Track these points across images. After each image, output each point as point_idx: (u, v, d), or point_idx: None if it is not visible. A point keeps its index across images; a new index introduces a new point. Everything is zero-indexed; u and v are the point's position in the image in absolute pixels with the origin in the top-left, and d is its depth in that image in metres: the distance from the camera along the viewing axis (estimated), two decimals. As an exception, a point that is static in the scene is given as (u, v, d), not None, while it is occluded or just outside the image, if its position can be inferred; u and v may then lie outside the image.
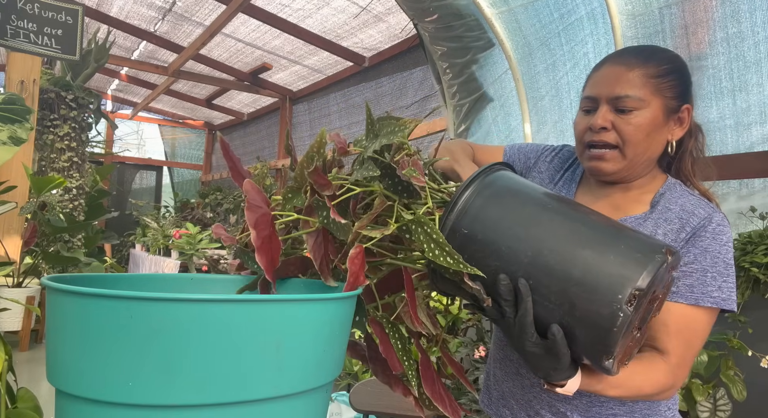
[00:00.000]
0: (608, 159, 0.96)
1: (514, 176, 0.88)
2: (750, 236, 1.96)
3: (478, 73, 3.51)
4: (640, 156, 0.95)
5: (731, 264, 0.90)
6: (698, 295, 0.88)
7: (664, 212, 0.96)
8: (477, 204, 0.83)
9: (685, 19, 2.37)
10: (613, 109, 0.94)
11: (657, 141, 0.95)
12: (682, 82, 0.96)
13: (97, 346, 0.57)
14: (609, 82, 0.94)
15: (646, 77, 0.93)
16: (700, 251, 0.90)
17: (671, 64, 0.96)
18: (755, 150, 2.17)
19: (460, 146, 1.14)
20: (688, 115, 0.97)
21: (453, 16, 3.26)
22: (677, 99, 0.95)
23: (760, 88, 2.17)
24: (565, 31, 2.90)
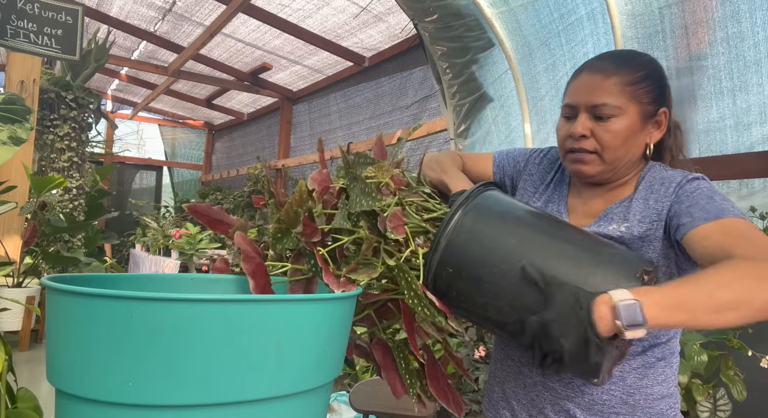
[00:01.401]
0: (588, 162, 0.99)
1: (494, 204, 0.92)
2: (750, 236, 1.96)
3: (478, 73, 3.51)
4: (620, 160, 0.98)
5: (729, 199, 0.91)
6: (715, 212, 0.86)
7: (648, 186, 0.99)
8: (459, 241, 0.87)
9: (685, 19, 2.37)
10: (591, 117, 0.97)
11: (635, 145, 0.99)
12: (658, 86, 0.99)
13: (97, 346, 0.57)
14: (587, 91, 0.97)
15: (623, 85, 0.96)
16: (695, 190, 0.92)
17: (646, 70, 0.98)
18: (755, 150, 2.17)
19: (448, 157, 1.17)
20: (665, 118, 1.00)
21: (453, 16, 3.26)
22: (653, 104, 0.98)
23: (760, 88, 2.17)
24: (565, 31, 2.90)
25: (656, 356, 0.99)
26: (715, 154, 2.29)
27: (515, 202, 0.95)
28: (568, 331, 0.71)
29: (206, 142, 9.73)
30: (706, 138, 2.33)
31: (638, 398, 0.97)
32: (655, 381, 0.98)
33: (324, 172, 0.93)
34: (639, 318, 0.69)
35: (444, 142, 4.36)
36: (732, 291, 0.71)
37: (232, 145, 9.04)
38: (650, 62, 1.00)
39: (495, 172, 1.21)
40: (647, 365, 0.98)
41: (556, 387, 1.01)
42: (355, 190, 0.87)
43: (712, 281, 0.73)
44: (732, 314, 0.71)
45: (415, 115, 4.81)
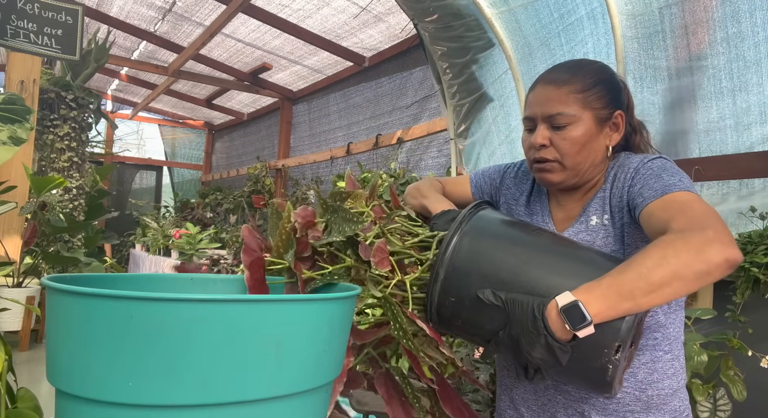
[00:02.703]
0: (551, 170, 1.03)
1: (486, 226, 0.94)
2: (750, 236, 1.96)
3: (478, 73, 3.51)
4: (581, 165, 1.02)
5: (678, 171, 0.93)
6: (661, 188, 0.89)
7: (615, 178, 1.02)
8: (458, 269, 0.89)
9: (685, 19, 2.37)
10: (549, 127, 1.01)
11: (595, 149, 1.02)
12: (609, 91, 1.02)
13: (97, 346, 0.57)
14: (542, 102, 1.01)
15: (575, 93, 1.00)
16: (647, 170, 0.95)
17: (595, 77, 1.01)
18: (755, 150, 2.17)
19: (427, 183, 1.21)
20: (621, 120, 1.03)
21: (453, 16, 3.26)
22: (607, 108, 1.01)
23: (760, 88, 2.17)
24: (565, 31, 2.90)
25: (663, 349, 1.00)
26: (715, 154, 2.29)
27: (505, 222, 0.97)
28: (532, 342, 0.75)
29: (206, 142, 9.73)
30: (706, 138, 2.33)
31: (651, 393, 0.98)
32: (665, 375, 0.99)
33: (309, 210, 0.94)
34: (582, 317, 0.73)
35: (444, 142, 4.36)
36: (663, 269, 0.74)
37: (232, 145, 9.05)
38: (600, 69, 1.04)
39: (474, 193, 1.25)
40: (655, 359, 0.99)
41: (569, 389, 1.01)
42: (337, 220, 0.88)
43: (643, 263, 0.75)
44: (668, 289, 0.74)
45: (415, 115, 4.81)
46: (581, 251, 0.90)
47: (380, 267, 0.84)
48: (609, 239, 1.00)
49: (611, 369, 0.76)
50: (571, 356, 0.75)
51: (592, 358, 0.77)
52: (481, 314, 0.85)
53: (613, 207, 1.01)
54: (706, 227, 0.78)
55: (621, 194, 0.99)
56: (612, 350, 0.76)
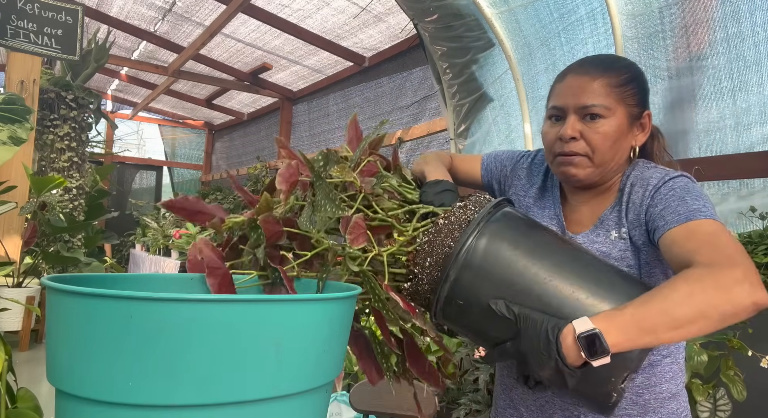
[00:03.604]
0: (577, 164, 0.98)
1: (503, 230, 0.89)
2: (750, 236, 1.96)
3: (478, 73, 3.51)
4: (608, 163, 0.98)
5: (703, 196, 0.90)
6: (686, 214, 0.86)
7: (631, 188, 0.99)
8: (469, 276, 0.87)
9: (685, 19, 2.36)
10: (580, 119, 0.97)
11: (623, 148, 0.99)
12: (641, 89, 1.00)
13: (96, 346, 0.57)
14: (575, 92, 0.97)
15: (610, 86, 0.96)
16: (668, 190, 0.92)
17: (630, 73, 0.99)
18: (755, 150, 2.17)
19: (435, 154, 1.17)
20: (648, 120, 1.01)
21: (453, 16, 3.26)
22: (638, 106, 0.99)
23: (760, 88, 2.17)
24: (565, 31, 2.90)
25: (662, 353, 0.99)
26: (715, 154, 2.29)
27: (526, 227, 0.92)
28: (542, 363, 0.74)
29: (206, 142, 9.73)
30: (706, 138, 2.33)
31: (648, 397, 0.97)
32: (663, 379, 0.98)
33: (293, 164, 0.91)
34: (601, 347, 0.70)
35: (444, 142, 4.36)
36: (689, 306, 0.72)
37: (232, 145, 9.05)
38: (632, 65, 1.01)
39: (483, 175, 1.21)
40: (654, 363, 0.98)
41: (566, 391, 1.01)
42: (320, 192, 0.85)
43: (669, 297, 0.73)
44: (692, 327, 0.72)
45: (415, 115, 4.81)
46: (603, 273, 0.85)
47: (355, 244, 0.82)
48: (627, 252, 0.96)
49: (615, 397, 0.76)
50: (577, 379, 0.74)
51: (598, 384, 0.76)
52: (489, 321, 0.84)
53: (630, 222, 0.97)
54: (735, 265, 0.74)
55: (638, 211, 0.96)
56: (620, 379, 0.75)
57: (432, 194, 0.98)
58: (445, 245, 0.89)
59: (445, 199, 0.97)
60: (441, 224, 0.91)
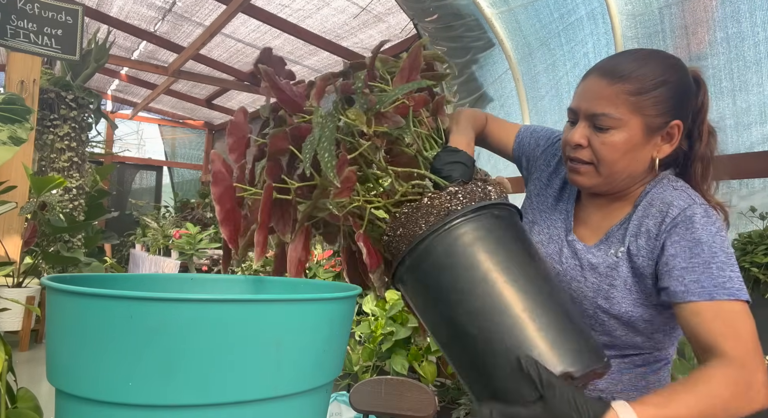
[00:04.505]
0: (583, 173, 0.93)
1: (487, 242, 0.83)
2: (750, 236, 1.96)
3: (478, 73, 3.51)
4: (617, 174, 0.91)
5: (731, 253, 0.83)
6: (710, 289, 0.81)
7: (647, 208, 0.91)
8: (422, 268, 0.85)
9: (685, 19, 2.37)
10: (590, 126, 0.90)
11: (637, 160, 0.91)
12: (672, 96, 0.89)
13: (96, 346, 0.57)
14: (589, 97, 0.90)
15: (626, 94, 0.87)
16: (693, 243, 0.84)
17: (660, 78, 0.88)
18: (755, 150, 2.17)
19: (471, 113, 1.07)
20: (678, 131, 0.91)
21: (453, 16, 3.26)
22: (662, 116, 0.88)
23: (760, 88, 2.17)
24: (565, 31, 2.90)
25: (652, 369, 0.96)
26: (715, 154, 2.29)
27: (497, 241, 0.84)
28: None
29: (206, 142, 9.73)
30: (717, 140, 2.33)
31: None
32: (631, 386, 0.95)
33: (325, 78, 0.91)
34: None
35: (444, 142, 4.36)
36: (722, 410, 0.75)
37: (232, 145, 9.03)
38: (670, 69, 0.89)
39: (514, 148, 1.13)
40: (639, 376, 0.95)
41: None
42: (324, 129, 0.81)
43: (705, 402, 0.74)
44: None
45: (415, 115, 4.80)
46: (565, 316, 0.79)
47: (336, 197, 0.81)
48: (614, 271, 0.91)
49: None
50: None
51: None
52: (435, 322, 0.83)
53: (639, 247, 0.90)
54: (757, 366, 0.77)
55: (653, 245, 0.87)
56: None
57: (443, 162, 0.91)
58: (417, 226, 0.86)
59: (453, 172, 0.90)
60: (424, 202, 0.87)
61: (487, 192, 0.89)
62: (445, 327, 0.82)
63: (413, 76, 0.96)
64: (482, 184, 0.90)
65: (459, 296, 0.80)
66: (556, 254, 0.98)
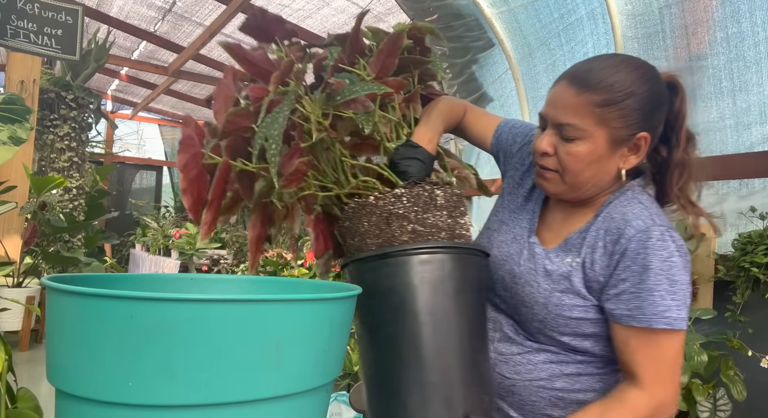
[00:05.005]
0: (549, 179, 0.92)
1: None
2: (750, 236, 1.96)
3: (478, 73, 3.51)
4: (583, 184, 0.91)
5: (678, 280, 0.84)
6: (650, 316, 0.83)
7: (608, 220, 0.90)
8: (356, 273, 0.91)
9: (685, 19, 2.36)
10: (557, 134, 0.89)
11: (602, 170, 0.90)
12: (638, 108, 0.86)
13: (96, 346, 0.57)
14: (557, 105, 0.89)
15: (592, 105, 0.85)
16: (642, 268, 0.84)
17: (627, 90, 0.86)
18: (755, 150, 2.17)
19: (447, 105, 1.06)
20: (645, 143, 0.89)
21: (453, 16, 3.26)
22: (628, 128, 0.87)
23: (760, 88, 2.17)
24: (565, 31, 2.90)
25: (607, 371, 0.94)
26: (715, 154, 2.29)
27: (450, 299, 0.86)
28: None
29: (206, 142, 9.72)
30: (706, 138, 2.33)
31: (568, 401, 0.93)
32: (589, 387, 0.94)
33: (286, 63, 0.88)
34: None
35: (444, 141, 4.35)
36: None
37: (232, 146, 9.03)
38: (638, 80, 0.87)
39: (493, 144, 1.12)
40: (596, 378, 0.94)
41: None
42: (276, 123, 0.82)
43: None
44: None
45: (415, 115, 4.81)
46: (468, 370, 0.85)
47: (282, 188, 0.82)
48: (565, 281, 0.90)
49: None
50: None
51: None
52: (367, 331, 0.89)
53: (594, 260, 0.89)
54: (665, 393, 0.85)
55: (608, 262, 0.88)
56: None
57: (400, 156, 0.92)
58: (360, 224, 0.88)
59: (409, 168, 0.91)
60: (370, 200, 0.88)
61: (434, 197, 0.89)
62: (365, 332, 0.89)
63: (390, 61, 0.95)
64: (430, 188, 0.89)
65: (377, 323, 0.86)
66: (517, 254, 0.97)
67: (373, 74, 0.93)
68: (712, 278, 2.10)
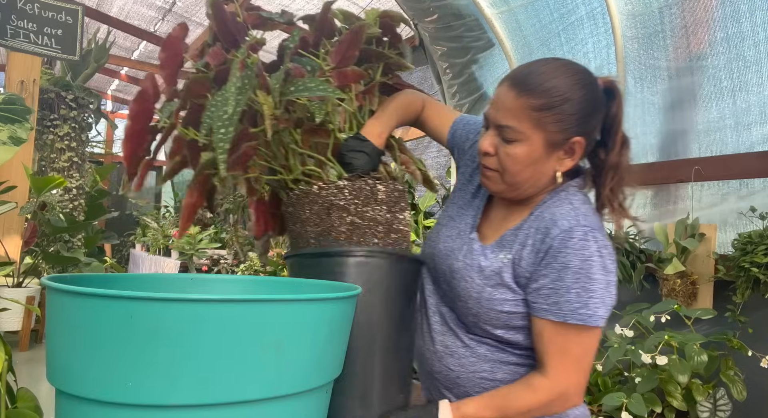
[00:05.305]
0: (490, 178, 0.96)
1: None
2: (750, 236, 1.96)
3: (478, 73, 3.51)
4: (521, 184, 0.94)
5: (596, 279, 0.86)
6: (566, 312, 0.87)
7: (537, 220, 0.94)
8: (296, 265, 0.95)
9: (685, 19, 2.36)
10: (498, 135, 0.93)
11: (539, 172, 0.93)
12: (573, 113, 0.89)
13: (96, 346, 0.57)
14: (498, 107, 0.92)
15: (530, 109, 0.89)
16: (562, 266, 0.87)
17: (564, 95, 0.89)
18: (755, 150, 2.17)
19: (404, 100, 1.10)
20: (579, 147, 0.92)
21: (453, 16, 3.26)
22: (563, 132, 0.90)
23: (760, 88, 2.17)
24: (565, 31, 2.90)
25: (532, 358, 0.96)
26: (715, 154, 2.29)
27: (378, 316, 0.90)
28: None
29: (206, 142, 9.72)
30: (706, 138, 2.33)
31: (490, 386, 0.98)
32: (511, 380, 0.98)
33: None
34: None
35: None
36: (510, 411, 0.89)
37: (232, 145, 9.02)
38: (574, 86, 0.90)
39: (449, 139, 1.15)
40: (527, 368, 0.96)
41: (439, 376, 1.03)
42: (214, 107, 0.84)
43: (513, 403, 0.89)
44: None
45: (415, 115, 4.80)
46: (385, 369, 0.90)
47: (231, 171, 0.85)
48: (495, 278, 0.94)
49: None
50: None
51: None
52: None
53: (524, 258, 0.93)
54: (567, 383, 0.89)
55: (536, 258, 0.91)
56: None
57: (348, 148, 0.95)
58: (303, 211, 0.91)
59: (355, 161, 0.94)
60: (313, 189, 0.91)
61: (375, 191, 0.92)
62: None
63: (350, 53, 0.97)
64: (373, 183, 0.93)
65: None
66: (458, 250, 1.00)
67: (333, 64, 0.95)
68: (712, 278, 2.10)
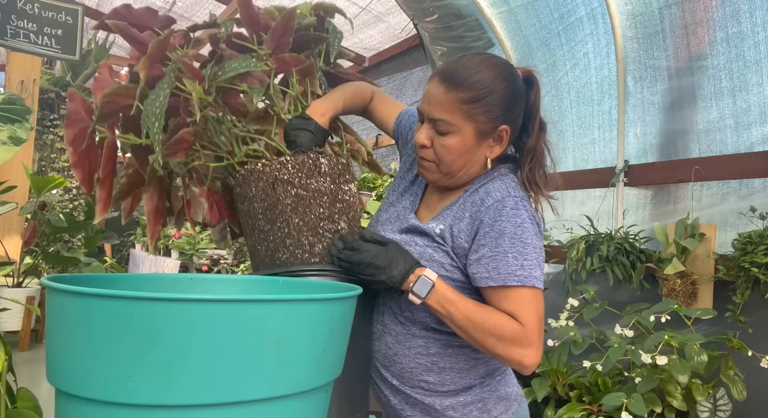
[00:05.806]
0: (426, 168, 1.03)
1: None
2: (750, 236, 1.96)
3: (478, 73, 3.51)
4: (456, 172, 1.02)
5: (529, 243, 0.94)
6: (504, 275, 0.93)
7: (472, 194, 1.01)
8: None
9: (685, 19, 2.36)
10: (433, 128, 0.99)
11: (472, 160, 1.01)
12: (499, 104, 0.98)
13: (97, 346, 0.57)
14: (431, 101, 0.99)
15: (459, 102, 0.96)
16: (498, 233, 0.94)
17: (488, 88, 0.97)
18: (755, 150, 2.17)
19: (354, 88, 1.17)
20: (506, 134, 1.00)
21: (453, 16, 3.26)
22: (492, 122, 0.98)
23: (760, 88, 2.17)
24: (565, 31, 2.90)
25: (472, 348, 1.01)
26: (715, 154, 2.29)
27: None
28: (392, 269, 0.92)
29: (206, 142, 9.72)
30: (706, 138, 2.33)
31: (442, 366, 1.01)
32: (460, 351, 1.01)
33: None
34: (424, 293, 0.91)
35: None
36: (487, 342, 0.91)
37: (232, 145, 9.03)
38: (497, 79, 0.98)
39: (394, 130, 1.22)
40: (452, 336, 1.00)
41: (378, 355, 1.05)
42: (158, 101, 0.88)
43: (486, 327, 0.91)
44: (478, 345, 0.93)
45: (415, 115, 4.81)
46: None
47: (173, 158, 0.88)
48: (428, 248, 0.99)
49: None
50: None
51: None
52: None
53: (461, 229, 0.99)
54: (531, 333, 0.91)
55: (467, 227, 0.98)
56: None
57: (292, 127, 1.00)
58: (249, 189, 0.94)
59: (298, 138, 0.99)
60: (257, 167, 0.94)
61: (318, 164, 0.97)
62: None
63: (285, 39, 1.02)
64: (315, 156, 0.97)
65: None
66: (397, 231, 1.06)
67: (269, 51, 1.00)
68: (712, 278, 2.10)
